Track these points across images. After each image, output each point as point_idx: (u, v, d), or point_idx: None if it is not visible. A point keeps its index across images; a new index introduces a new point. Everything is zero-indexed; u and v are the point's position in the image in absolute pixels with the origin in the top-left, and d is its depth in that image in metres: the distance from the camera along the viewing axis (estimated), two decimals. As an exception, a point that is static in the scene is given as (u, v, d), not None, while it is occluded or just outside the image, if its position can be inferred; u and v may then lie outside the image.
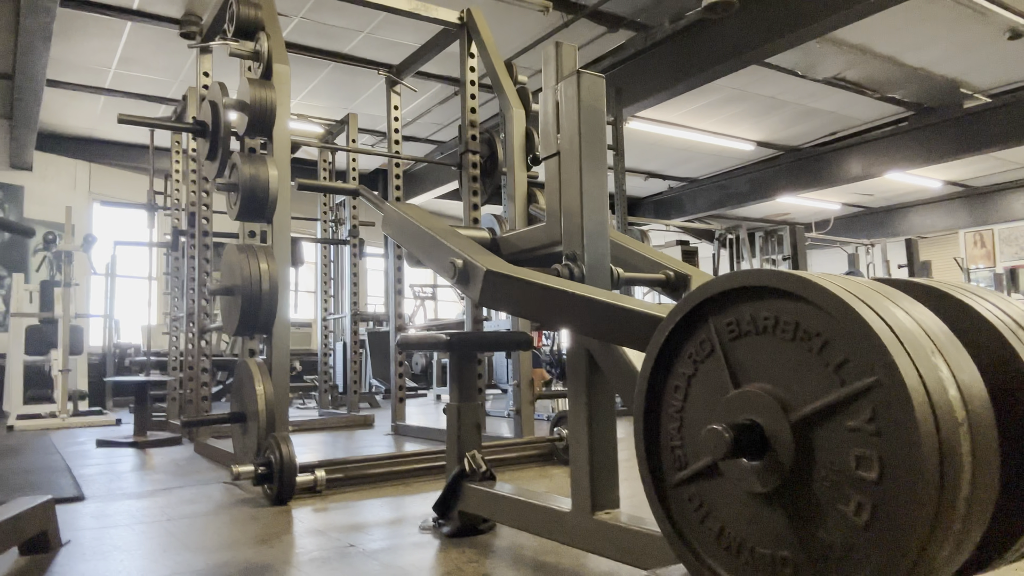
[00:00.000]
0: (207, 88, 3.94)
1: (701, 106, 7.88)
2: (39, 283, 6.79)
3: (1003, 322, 0.91)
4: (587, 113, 1.47)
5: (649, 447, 1.03)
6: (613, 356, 1.34)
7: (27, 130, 7.01)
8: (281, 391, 2.59)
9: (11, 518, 1.58)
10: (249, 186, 2.47)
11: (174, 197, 5.39)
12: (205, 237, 4.30)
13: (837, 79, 7.19)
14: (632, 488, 2.22)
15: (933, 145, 8.33)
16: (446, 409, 1.90)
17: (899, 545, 0.73)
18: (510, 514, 1.62)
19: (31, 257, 8.03)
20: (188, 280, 4.66)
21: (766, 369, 0.88)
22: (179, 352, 5.22)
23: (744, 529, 0.90)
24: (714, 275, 1.65)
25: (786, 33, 5.40)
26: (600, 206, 1.48)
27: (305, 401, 7.27)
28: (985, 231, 12.02)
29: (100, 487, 2.68)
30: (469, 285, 1.39)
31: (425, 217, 1.78)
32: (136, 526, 2.05)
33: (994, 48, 6.56)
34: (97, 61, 6.51)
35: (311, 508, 2.25)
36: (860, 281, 0.86)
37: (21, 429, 4.97)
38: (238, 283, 2.47)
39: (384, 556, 1.68)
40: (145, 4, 5.52)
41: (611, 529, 1.32)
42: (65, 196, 7.92)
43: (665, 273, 1.63)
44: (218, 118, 2.74)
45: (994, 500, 0.77)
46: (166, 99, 7.28)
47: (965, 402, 0.75)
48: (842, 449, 0.79)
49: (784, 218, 12.49)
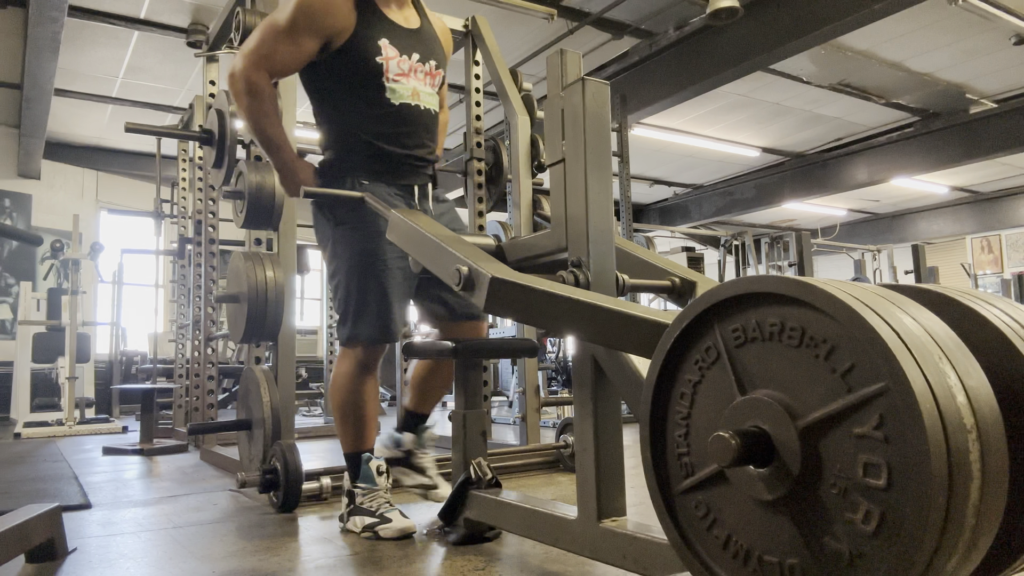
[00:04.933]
0: (213, 96, 3.95)
1: (706, 112, 7.88)
2: (46, 291, 6.83)
3: (1011, 328, 0.91)
4: (592, 120, 1.47)
5: (655, 454, 1.02)
6: (619, 363, 1.33)
7: (35, 139, 7.05)
8: (287, 398, 2.59)
9: (17, 526, 1.58)
10: (255, 194, 2.48)
11: (180, 205, 5.40)
12: (211, 245, 4.31)
13: (842, 85, 7.19)
14: (639, 496, 2.21)
15: (939, 151, 8.31)
16: (451, 416, 1.90)
17: (908, 553, 0.72)
18: (516, 521, 1.62)
19: (39, 265, 8.07)
20: (194, 288, 4.68)
21: (772, 376, 0.88)
22: (185, 359, 5.23)
23: (751, 537, 0.89)
24: (720, 281, 1.65)
25: (791, 39, 5.40)
26: (605, 212, 1.48)
27: (311, 408, 7.27)
28: (992, 237, 11.97)
29: (107, 495, 2.69)
30: (475, 292, 1.39)
31: (430, 224, 1.78)
32: (142, 534, 2.05)
33: (1000, 54, 6.55)
34: (104, 70, 6.55)
35: (317, 516, 2.24)
36: (867, 287, 0.86)
37: (28, 436, 4.99)
38: (244, 290, 2.48)
39: (390, 564, 1.68)
40: (152, 13, 5.56)
41: (617, 537, 1.31)
42: (72, 204, 7.96)
43: (671, 279, 1.63)
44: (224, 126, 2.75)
45: (1003, 508, 0.76)
46: (173, 108, 7.32)
47: (973, 409, 0.75)
48: (850, 456, 0.79)
49: (790, 224, 12.47)
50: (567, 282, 1.41)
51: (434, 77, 2.11)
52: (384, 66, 1.98)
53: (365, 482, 1.99)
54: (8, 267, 7.90)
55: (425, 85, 2.08)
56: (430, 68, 2.10)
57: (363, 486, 1.98)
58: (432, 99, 2.11)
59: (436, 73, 2.12)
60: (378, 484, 1.99)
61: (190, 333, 4.89)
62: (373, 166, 2.02)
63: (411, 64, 2.04)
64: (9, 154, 7.78)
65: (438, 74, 2.13)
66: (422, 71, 2.07)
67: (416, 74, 2.05)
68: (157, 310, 6.54)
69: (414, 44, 2.07)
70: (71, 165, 8.38)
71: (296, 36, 1.91)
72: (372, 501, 1.96)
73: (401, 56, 2.02)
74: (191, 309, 4.91)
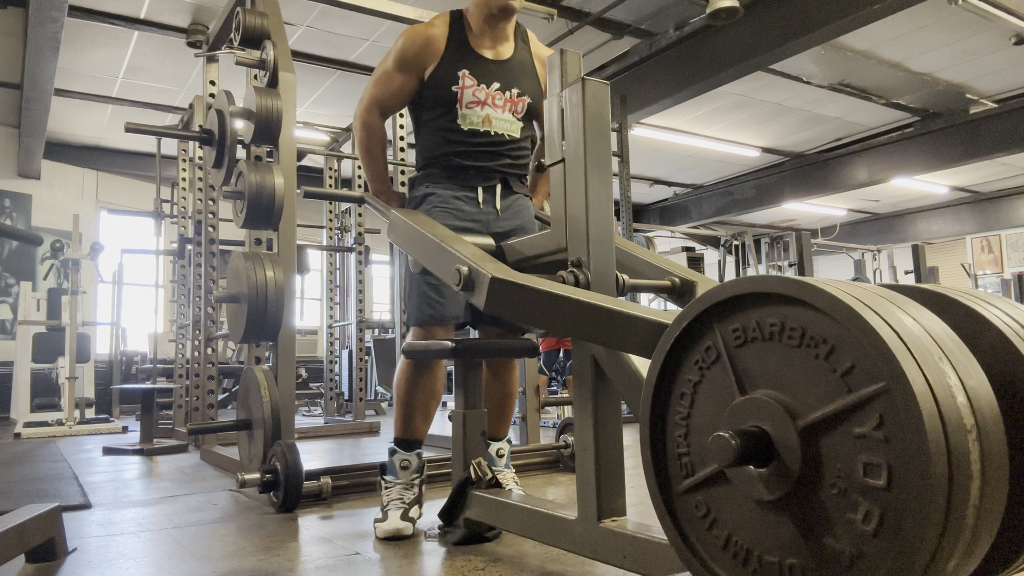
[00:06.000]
0: (213, 96, 3.95)
1: (706, 112, 7.88)
2: (46, 291, 6.83)
3: (1011, 328, 0.91)
4: (592, 120, 1.47)
5: (655, 454, 1.02)
6: (619, 363, 1.33)
7: (35, 139, 7.05)
8: (287, 398, 2.59)
9: (17, 526, 1.58)
10: (255, 194, 2.48)
11: (180, 205, 5.41)
12: (211, 245, 4.31)
13: (842, 85, 7.19)
14: (639, 496, 2.21)
15: (939, 151, 8.30)
16: (452, 416, 1.90)
17: (908, 553, 0.72)
18: (516, 522, 1.62)
19: (39, 265, 8.07)
20: (194, 288, 4.68)
21: (772, 376, 0.88)
22: (185, 359, 5.23)
23: (751, 537, 0.89)
24: (720, 281, 1.65)
25: (791, 39, 5.40)
26: (605, 212, 1.48)
27: (311, 408, 7.27)
28: (992, 237, 11.97)
29: (107, 495, 2.69)
30: (475, 292, 1.39)
31: (431, 224, 1.78)
32: (142, 534, 2.05)
33: (1000, 54, 6.55)
34: (104, 70, 6.55)
35: (317, 516, 2.24)
36: (867, 287, 0.86)
37: (28, 436, 4.99)
38: (244, 290, 2.48)
39: (390, 564, 1.68)
40: (152, 13, 5.56)
41: (617, 537, 1.31)
42: (72, 204, 7.96)
43: (671, 279, 1.63)
44: (224, 126, 2.75)
45: (1003, 508, 0.76)
46: (173, 108, 7.32)
47: (973, 409, 0.75)
48: (850, 456, 0.79)
49: (790, 224, 12.46)
50: (567, 282, 1.41)
51: (515, 104, 2.20)
52: (459, 95, 2.13)
53: (389, 474, 2.07)
54: (8, 267, 7.90)
55: (503, 112, 2.18)
56: (511, 96, 2.19)
57: (388, 479, 2.06)
58: (508, 125, 2.19)
59: (519, 100, 2.21)
60: (399, 478, 2.04)
61: (190, 333, 4.89)
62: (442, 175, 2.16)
63: (488, 92, 2.15)
64: (9, 154, 7.79)
65: (521, 101, 2.21)
66: (501, 99, 2.17)
67: (493, 102, 2.16)
68: (157, 310, 6.54)
69: (496, 74, 2.18)
70: (71, 165, 8.38)
71: (400, 72, 2.15)
72: (386, 496, 2.02)
73: (479, 85, 2.14)
74: (191, 309, 4.91)
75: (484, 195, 2.15)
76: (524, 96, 2.21)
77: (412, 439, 2.10)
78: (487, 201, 2.15)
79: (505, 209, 2.17)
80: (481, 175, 2.16)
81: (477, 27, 2.16)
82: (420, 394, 2.09)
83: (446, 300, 2.06)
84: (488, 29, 2.16)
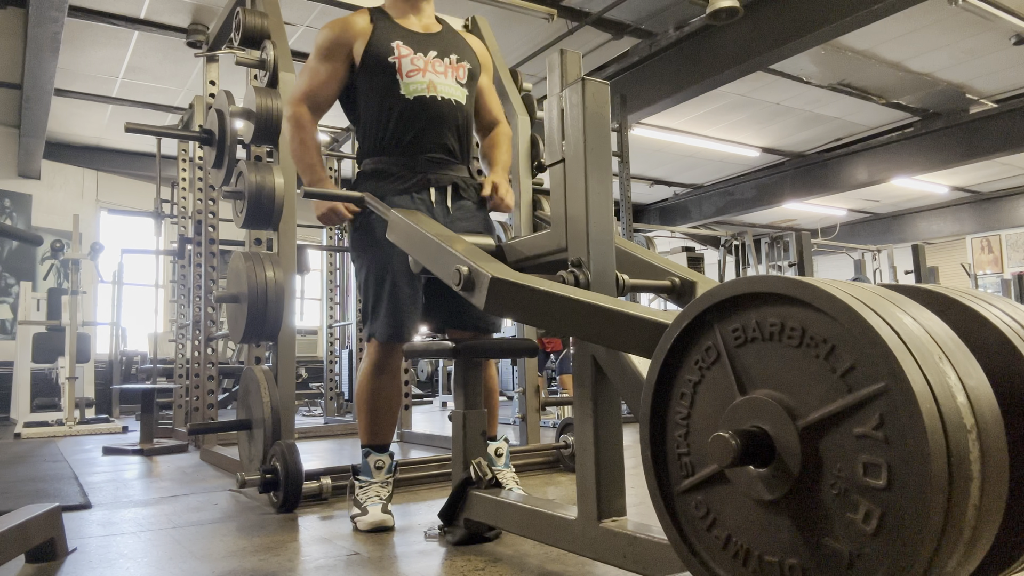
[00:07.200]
0: (213, 96, 3.95)
1: (706, 112, 7.88)
2: (46, 291, 6.83)
3: (1011, 328, 0.91)
4: (592, 120, 1.47)
5: (655, 454, 1.02)
6: (619, 363, 1.33)
7: (35, 139, 7.05)
8: (287, 398, 2.59)
9: (17, 526, 1.58)
10: (255, 194, 2.48)
11: (181, 205, 5.41)
12: (211, 245, 4.31)
13: (842, 85, 7.19)
14: (639, 496, 2.21)
15: (939, 151, 8.31)
16: (452, 416, 1.90)
17: (908, 553, 0.72)
18: (516, 522, 1.62)
19: (39, 265, 8.07)
20: (194, 288, 4.68)
21: (772, 376, 0.88)
22: (185, 359, 5.23)
23: (751, 537, 0.89)
24: (720, 281, 1.65)
25: (791, 39, 5.40)
26: (605, 212, 1.48)
27: (311, 408, 7.27)
28: (992, 237, 11.97)
29: (107, 495, 2.69)
30: (475, 292, 1.39)
31: (431, 224, 1.78)
32: (142, 534, 2.05)
33: (1000, 54, 6.55)
34: (104, 70, 6.55)
35: (317, 516, 2.24)
36: (867, 287, 0.86)
37: (28, 436, 4.99)
38: (244, 290, 2.48)
39: (389, 564, 1.68)
40: (152, 13, 5.56)
41: (617, 537, 1.31)
42: (72, 204, 7.97)
43: (671, 279, 1.63)
44: (224, 126, 2.76)
45: (1003, 508, 0.76)
46: (173, 108, 7.32)
47: (973, 408, 0.75)
48: (850, 456, 0.79)
49: (790, 224, 12.47)
50: (567, 282, 1.41)
51: (456, 69, 2.17)
52: (396, 64, 2.08)
53: (363, 475, 2.11)
54: (8, 267, 7.90)
55: (446, 77, 2.14)
56: (450, 61, 2.16)
57: (361, 479, 2.10)
58: (453, 90, 2.15)
59: (459, 66, 2.18)
60: (374, 478, 2.09)
61: (190, 333, 4.89)
62: (390, 170, 2.12)
63: (426, 60, 2.12)
64: (9, 154, 7.79)
65: (461, 66, 2.18)
66: (441, 65, 2.14)
67: (433, 68, 2.12)
68: (157, 310, 6.54)
69: (431, 44, 2.16)
70: (71, 165, 8.38)
71: (325, 61, 2.11)
72: (363, 494, 2.06)
73: (416, 54, 2.11)
74: (191, 309, 4.91)
75: (437, 195, 2.13)
76: (464, 62, 2.19)
77: (382, 444, 2.15)
78: (439, 202, 2.13)
79: (457, 210, 2.15)
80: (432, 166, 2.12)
81: (398, 11, 2.18)
82: (384, 399, 2.12)
83: (411, 316, 2.07)
84: (409, 8, 2.17)
